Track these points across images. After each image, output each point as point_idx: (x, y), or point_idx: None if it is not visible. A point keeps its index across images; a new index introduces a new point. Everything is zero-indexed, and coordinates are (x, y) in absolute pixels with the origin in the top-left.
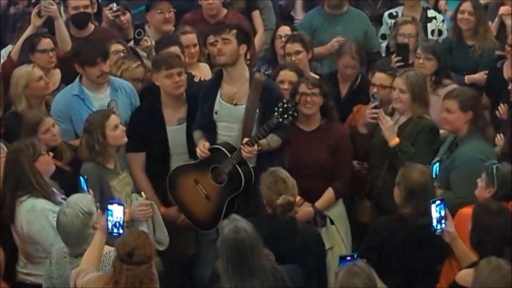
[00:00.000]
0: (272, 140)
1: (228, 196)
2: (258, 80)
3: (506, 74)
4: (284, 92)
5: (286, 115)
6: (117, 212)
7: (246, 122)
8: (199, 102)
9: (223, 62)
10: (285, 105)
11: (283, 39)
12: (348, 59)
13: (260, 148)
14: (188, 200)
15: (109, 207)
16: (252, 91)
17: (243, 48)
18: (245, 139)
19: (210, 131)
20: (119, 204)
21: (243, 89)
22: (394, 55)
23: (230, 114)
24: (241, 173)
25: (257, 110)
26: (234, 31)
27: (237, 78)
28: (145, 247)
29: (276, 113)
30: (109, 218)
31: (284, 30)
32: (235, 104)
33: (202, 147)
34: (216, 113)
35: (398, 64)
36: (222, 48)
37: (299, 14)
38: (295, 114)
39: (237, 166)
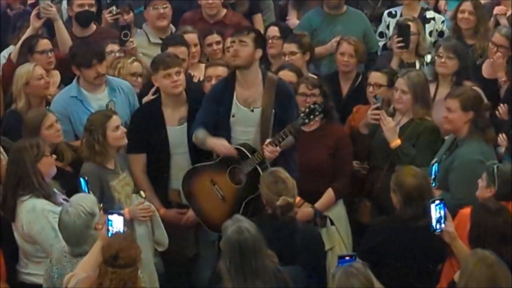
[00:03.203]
0: (289, 140)
1: (245, 197)
2: (271, 80)
3: (486, 73)
4: None
5: (312, 116)
6: (117, 222)
7: (263, 125)
8: (207, 101)
9: (237, 64)
10: (312, 106)
11: (271, 40)
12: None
13: (280, 148)
14: (203, 201)
15: (109, 217)
16: (266, 93)
17: (259, 52)
18: (268, 140)
19: (224, 134)
20: (119, 214)
21: (257, 92)
22: (395, 36)
23: (247, 118)
24: (261, 174)
25: (273, 112)
26: (253, 34)
27: (251, 81)
28: (130, 250)
29: (302, 114)
30: (110, 228)
31: (273, 31)
32: (252, 110)
33: (227, 147)
34: (233, 116)
35: (399, 44)
36: (239, 49)
37: (291, 13)
38: (321, 115)
39: (257, 167)
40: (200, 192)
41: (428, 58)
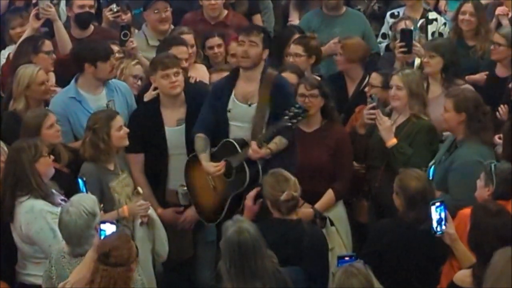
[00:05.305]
0: (281, 143)
1: (232, 191)
2: (269, 77)
3: (500, 71)
4: None
5: (296, 120)
6: (109, 231)
7: (256, 120)
8: (208, 98)
9: (247, 65)
10: (296, 110)
11: None
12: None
13: (270, 151)
14: (198, 188)
15: (102, 226)
16: (262, 89)
17: (266, 52)
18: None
19: (222, 130)
20: (111, 223)
21: (257, 88)
22: (398, 41)
23: (243, 114)
24: (247, 171)
25: (268, 109)
26: (262, 35)
27: (254, 79)
28: (122, 250)
29: (286, 117)
30: (102, 237)
31: None
32: (250, 105)
33: (216, 168)
34: (229, 111)
35: (401, 49)
36: (249, 50)
37: (292, 14)
38: (304, 119)
39: (244, 163)
40: (197, 179)
41: (418, 61)
